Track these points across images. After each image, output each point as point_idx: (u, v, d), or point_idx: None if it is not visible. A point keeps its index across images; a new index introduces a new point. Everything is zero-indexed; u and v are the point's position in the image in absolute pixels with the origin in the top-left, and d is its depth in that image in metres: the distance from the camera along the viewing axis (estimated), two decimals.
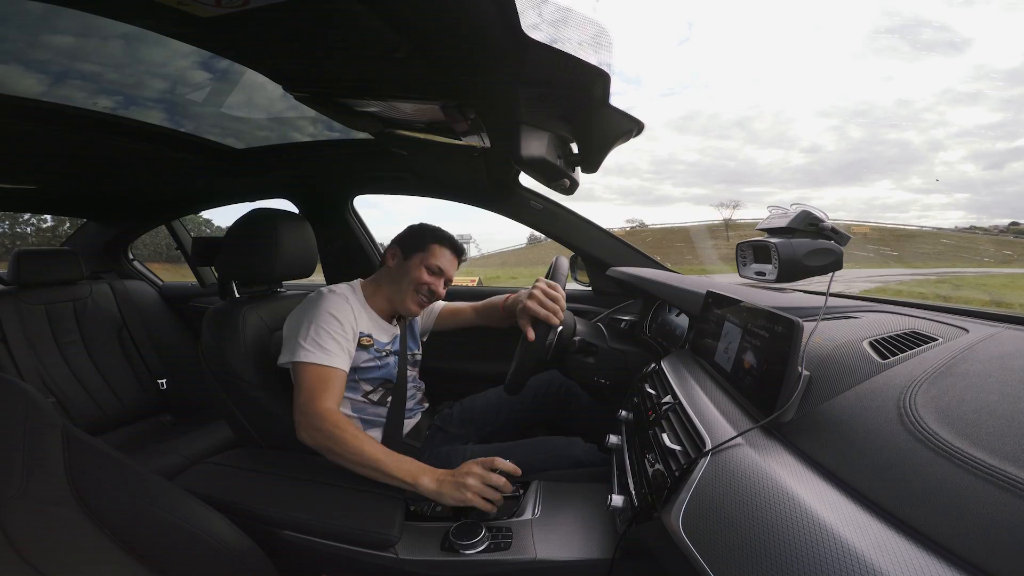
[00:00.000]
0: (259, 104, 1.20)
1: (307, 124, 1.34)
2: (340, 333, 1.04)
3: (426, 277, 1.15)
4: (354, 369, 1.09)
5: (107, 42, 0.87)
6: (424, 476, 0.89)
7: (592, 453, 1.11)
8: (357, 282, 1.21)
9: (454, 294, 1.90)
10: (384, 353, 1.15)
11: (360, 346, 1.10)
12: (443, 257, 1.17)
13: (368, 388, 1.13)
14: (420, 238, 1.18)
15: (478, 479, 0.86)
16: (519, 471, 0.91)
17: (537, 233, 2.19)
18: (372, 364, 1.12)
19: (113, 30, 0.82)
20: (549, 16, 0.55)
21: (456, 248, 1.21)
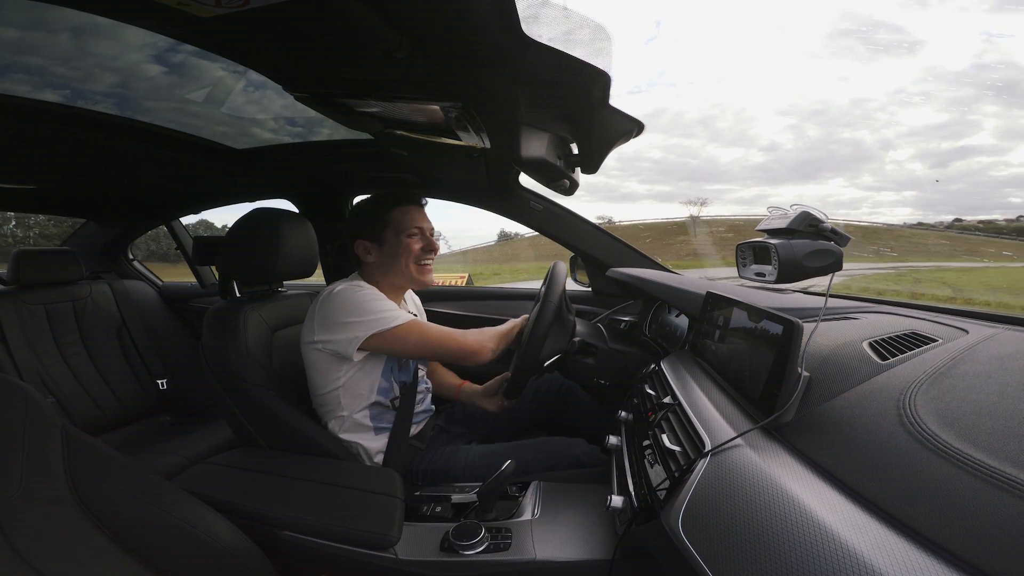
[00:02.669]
0: (259, 104, 1.20)
1: (307, 124, 1.34)
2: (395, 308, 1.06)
3: (416, 245, 1.11)
4: (384, 375, 1.09)
5: (74, 36, 0.85)
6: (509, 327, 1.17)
7: (594, 455, 1.11)
8: (358, 279, 1.15)
9: (449, 295, 1.91)
10: None
11: None
12: (411, 215, 1.11)
13: (396, 393, 1.11)
14: (377, 214, 1.11)
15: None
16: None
17: (508, 230, 2.19)
18: (397, 368, 1.11)
19: (67, 23, 0.79)
20: (549, 16, 0.55)
21: (413, 198, 1.15)
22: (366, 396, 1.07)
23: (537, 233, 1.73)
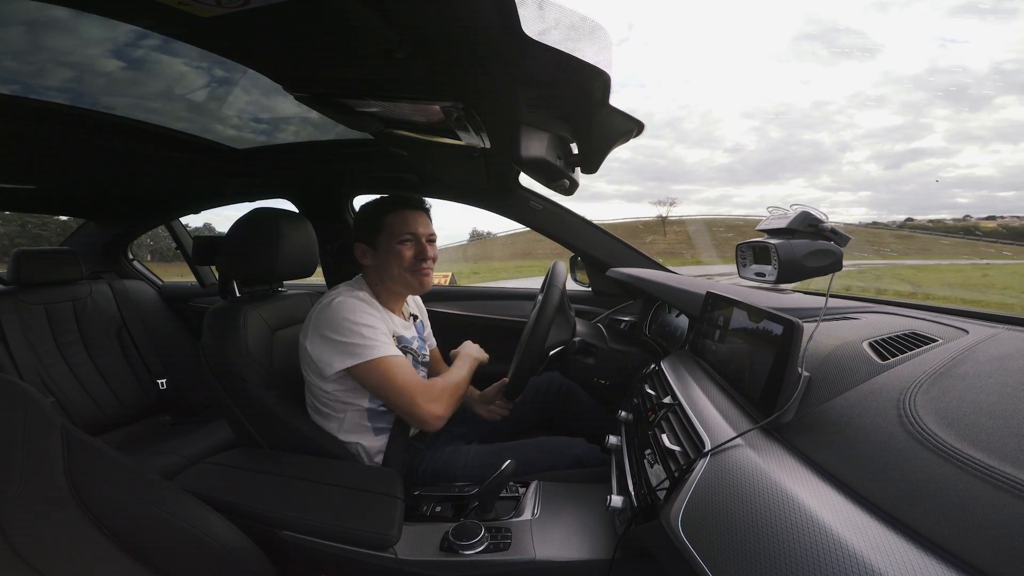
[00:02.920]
0: (259, 104, 1.20)
1: (307, 124, 1.34)
2: (384, 331, 1.03)
3: (407, 251, 1.08)
4: None
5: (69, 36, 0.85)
6: (471, 354, 1.22)
7: (594, 454, 1.11)
8: (362, 282, 1.14)
9: (450, 295, 1.90)
10: (411, 358, 1.12)
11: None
12: (405, 220, 1.09)
13: None
14: (373, 219, 1.10)
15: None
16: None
17: (480, 229, 2.19)
18: None
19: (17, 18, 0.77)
20: (549, 16, 0.55)
21: (411, 202, 1.12)
22: (361, 399, 1.07)
23: (510, 232, 1.74)
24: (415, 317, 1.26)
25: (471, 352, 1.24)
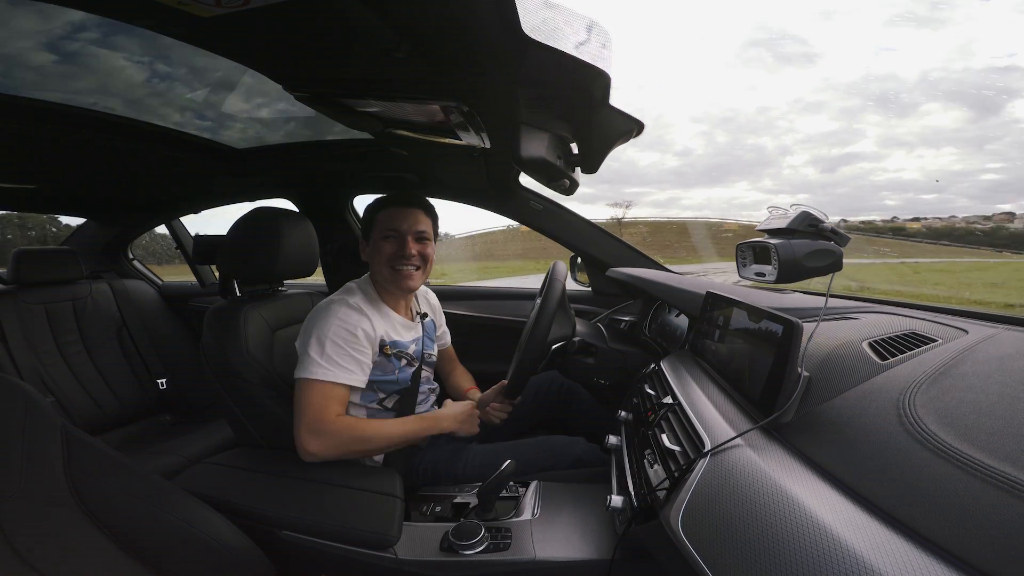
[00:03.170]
0: (259, 104, 1.20)
1: (307, 124, 1.34)
2: (357, 347, 1.00)
3: (388, 247, 1.07)
4: (372, 380, 1.06)
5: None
6: (442, 421, 1.08)
7: (594, 453, 1.11)
8: (368, 280, 1.15)
9: (452, 295, 1.90)
10: (405, 361, 1.12)
11: (382, 354, 1.07)
12: (391, 216, 1.08)
13: (383, 395, 1.11)
14: (369, 215, 1.12)
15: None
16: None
17: (444, 230, 2.19)
18: (391, 375, 1.10)
19: None
20: (549, 16, 0.55)
21: (403, 199, 1.11)
22: (355, 399, 1.07)
23: (474, 233, 1.74)
24: (425, 315, 1.23)
25: (442, 415, 1.09)
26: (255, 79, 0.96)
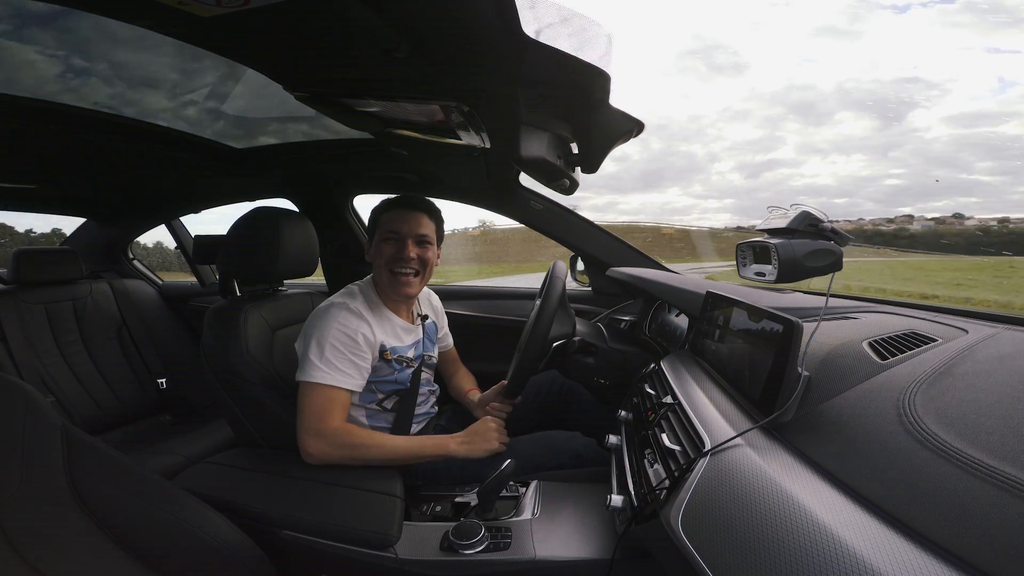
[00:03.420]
0: (259, 104, 1.20)
1: (307, 124, 1.34)
2: (356, 351, 1.01)
3: (388, 249, 1.07)
4: (371, 381, 1.07)
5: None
6: (451, 444, 1.02)
7: (592, 447, 1.11)
8: (370, 283, 1.15)
9: (453, 295, 1.90)
10: (404, 364, 1.12)
11: (383, 359, 1.07)
12: (393, 219, 1.08)
13: (382, 396, 1.11)
14: (372, 217, 1.13)
15: (497, 433, 1.04)
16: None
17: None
18: (390, 376, 1.10)
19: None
20: (549, 16, 0.55)
21: (406, 201, 1.11)
22: (354, 399, 1.07)
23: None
24: (426, 317, 1.24)
25: (449, 439, 1.04)
26: (255, 79, 0.96)
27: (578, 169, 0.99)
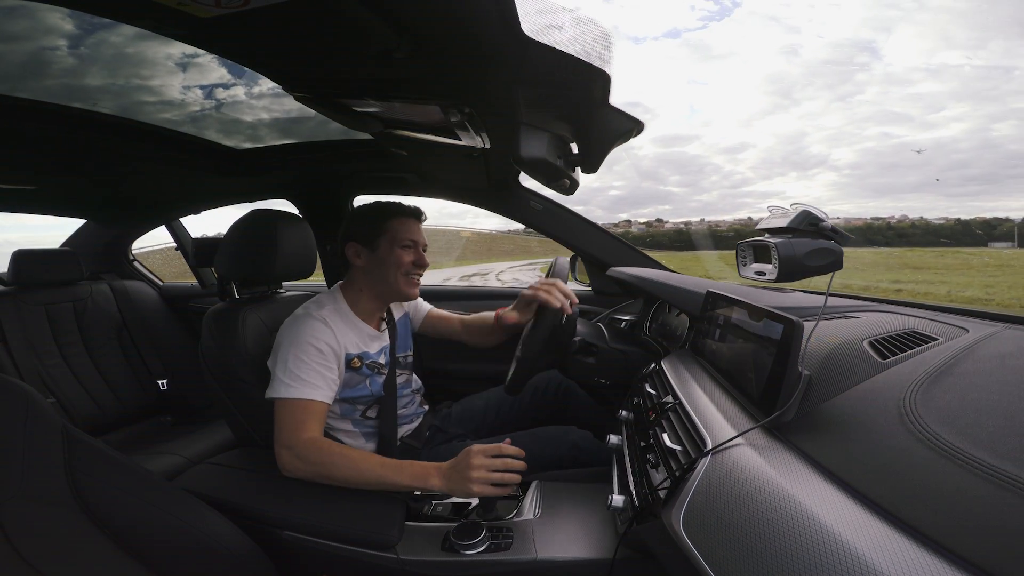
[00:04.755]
0: (259, 104, 1.20)
1: (307, 124, 1.34)
2: (322, 362, 0.99)
3: (407, 257, 1.09)
4: (347, 395, 1.07)
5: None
6: (432, 477, 0.89)
7: (588, 439, 1.11)
8: (338, 291, 1.13)
9: (446, 295, 1.90)
10: (375, 371, 1.11)
11: (351, 368, 1.06)
12: (408, 227, 1.11)
13: (362, 407, 1.11)
14: (375, 222, 1.10)
15: (482, 470, 0.86)
16: (523, 456, 0.90)
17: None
18: (363, 387, 1.09)
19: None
20: (549, 16, 0.55)
21: (413, 212, 1.14)
22: (334, 406, 1.07)
23: None
24: (391, 321, 1.22)
25: (432, 469, 0.90)
26: (255, 79, 0.96)
27: (578, 169, 0.99)
